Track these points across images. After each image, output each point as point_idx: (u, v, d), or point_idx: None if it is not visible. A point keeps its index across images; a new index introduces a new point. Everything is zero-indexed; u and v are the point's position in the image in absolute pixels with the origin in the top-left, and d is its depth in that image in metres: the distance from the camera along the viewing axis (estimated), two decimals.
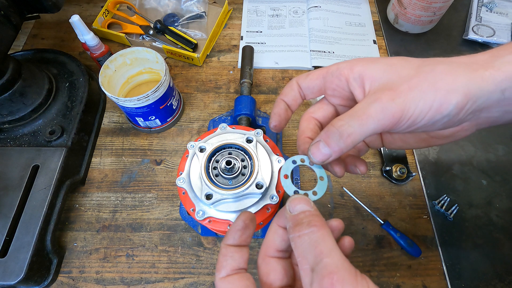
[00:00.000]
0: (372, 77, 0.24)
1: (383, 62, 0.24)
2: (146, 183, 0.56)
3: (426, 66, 0.22)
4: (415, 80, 0.22)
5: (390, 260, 0.49)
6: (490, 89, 0.21)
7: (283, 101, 0.29)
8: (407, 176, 0.54)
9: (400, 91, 0.22)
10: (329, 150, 0.23)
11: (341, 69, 0.25)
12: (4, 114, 0.52)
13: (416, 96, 0.21)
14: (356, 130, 0.22)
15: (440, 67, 0.22)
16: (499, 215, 0.53)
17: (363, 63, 0.24)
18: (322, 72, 0.27)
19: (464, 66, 0.22)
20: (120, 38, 0.68)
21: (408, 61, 0.23)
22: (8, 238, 0.44)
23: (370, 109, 0.22)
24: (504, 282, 0.48)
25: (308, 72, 0.28)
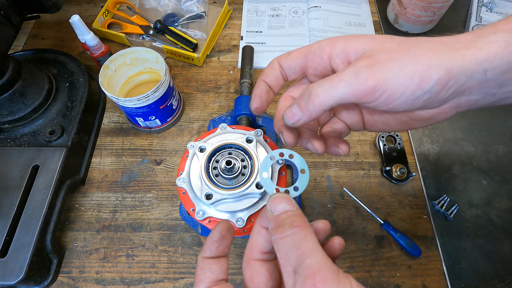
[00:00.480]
0: (355, 50, 0.23)
1: (367, 37, 0.24)
2: (146, 183, 0.56)
3: (409, 43, 0.22)
4: (396, 53, 0.21)
5: (390, 260, 0.49)
6: (472, 68, 0.20)
7: (264, 82, 0.28)
8: (407, 176, 0.54)
9: (379, 60, 0.21)
10: (299, 111, 0.23)
11: (323, 46, 0.25)
12: (4, 114, 0.52)
13: (395, 68, 0.21)
14: (325, 90, 0.22)
15: (423, 44, 0.22)
16: (499, 215, 0.53)
17: (345, 39, 0.24)
18: (303, 51, 0.26)
19: (447, 44, 0.21)
20: (120, 38, 0.68)
21: (392, 38, 0.23)
22: (8, 238, 0.44)
23: (344, 73, 0.22)
24: (504, 282, 0.48)
25: (289, 51, 0.27)
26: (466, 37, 0.22)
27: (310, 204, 0.53)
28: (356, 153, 0.58)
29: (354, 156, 0.58)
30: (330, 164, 0.57)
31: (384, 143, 0.57)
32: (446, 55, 0.21)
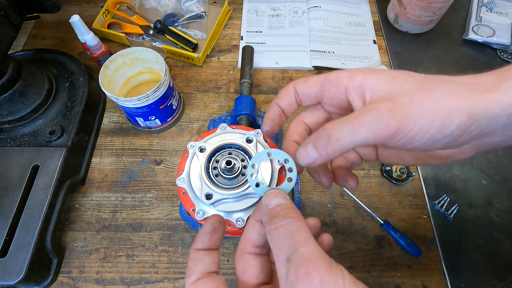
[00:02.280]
0: (373, 88, 0.23)
1: (386, 74, 0.23)
2: (146, 183, 0.56)
3: (430, 84, 0.21)
4: (417, 95, 0.21)
5: (390, 260, 0.49)
6: (495, 113, 0.20)
7: (277, 106, 0.28)
8: (407, 176, 0.54)
9: (401, 104, 0.20)
10: (316, 153, 0.23)
11: (340, 77, 0.25)
12: (4, 114, 0.52)
13: (417, 112, 0.20)
14: (346, 135, 0.21)
15: (444, 85, 0.21)
16: (499, 215, 0.53)
17: (364, 73, 0.24)
18: (320, 79, 0.26)
19: (469, 86, 0.21)
20: (120, 38, 0.68)
21: (411, 75, 0.23)
22: (8, 238, 0.44)
23: (365, 117, 0.21)
24: (504, 282, 0.48)
25: (306, 77, 0.27)
26: (489, 79, 0.21)
27: (310, 204, 0.53)
28: None
29: None
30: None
31: None
32: (468, 99, 0.20)
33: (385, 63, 0.67)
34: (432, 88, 0.21)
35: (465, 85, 0.21)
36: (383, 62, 0.68)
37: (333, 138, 0.21)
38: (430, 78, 0.22)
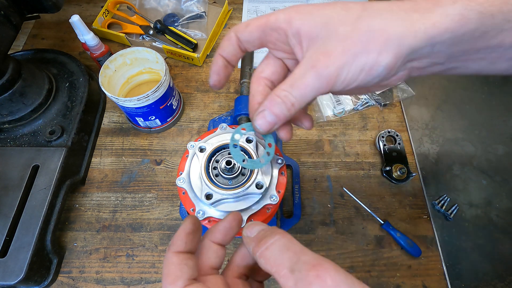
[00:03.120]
0: (309, 35, 0.24)
1: (322, 16, 0.23)
2: (146, 183, 0.56)
3: (364, 22, 0.22)
4: (349, 42, 0.22)
5: (390, 260, 0.49)
6: (421, 45, 0.21)
7: (221, 57, 0.28)
8: (407, 176, 0.54)
9: (335, 56, 0.22)
10: (275, 117, 0.24)
11: (279, 22, 0.24)
12: (4, 114, 0.52)
13: (348, 61, 0.22)
14: (298, 99, 0.24)
15: (377, 23, 0.22)
16: (499, 215, 0.53)
17: (301, 17, 0.24)
18: (261, 24, 0.25)
19: (403, 16, 0.22)
20: (120, 38, 0.68)
21: (348, 10, 0.23)
22: (8, 238, 0.44)
23: (308, 78, 0.23)
24: (504, 282, 0.48)
25: (247, 22, 0.26)
26: (426, 6, 0.21)
27: (310, 204, 0.53)
28: (356, 153, 0.58)
29: (354, 156, 0.58)
30: (330, 164, 0.57)
31: (384, 143, 0.57)
32: (398, 36, 0.21)
33: None
34: (365, 28, 0.22)
35: (399, 15, 0.22)
36: None
37: (288, 103, 0.24)
38: (366, 11, 0.23)
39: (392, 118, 0.61)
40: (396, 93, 0.64)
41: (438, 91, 0.66)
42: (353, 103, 0.63)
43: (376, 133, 0.59)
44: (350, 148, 0.58)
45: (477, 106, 0.64)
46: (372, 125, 0.61)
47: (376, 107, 0.62)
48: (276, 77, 0.28)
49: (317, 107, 0.63)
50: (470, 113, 0.63)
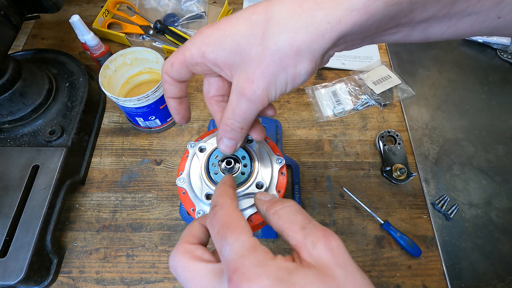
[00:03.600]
0: (227, 64, 0.24)
1: (229, 41, 0.23)
2: (146, 183, 0.56)
3: (270, 40, 0.22)
4: (265, 64, 0.23)
5: (390, 260, 0.49)
6: (332, 43, 0.21)
7: (171, 99, 0.29)
8: (407, 176, 0.54)
9: (257, 81, 0.23)
10: (232, 141, 0.28)
11: (194, 57, 0.25)
12: (4, 114, 0.52)
13: (271, 81, 0.23)
14: (242, 122, 0.26)
15: (283, 38, 0.22)
16: (499, 215, 0.53)
17: (212, 48, 0.24)
18: (181, 61, 0.26)
19: (308, 21, 0.21)
20: (120, 38, 0.68)
21: (252, 28, 0.23)
22: (8, 238, 0.44)
23: (243, 105, 0.25)
24: (504, 282, 0.48)
25: (169, 60, 0.27)
26: (329, 1, 0.21)
27: (310, 204, 0.54)
28: (356, 153, 0.58)
29: (354, 156, 0.58)
30: (330, 164, 0.57)
31: (384, 143, 0.57)
32: (307, 44, 0.21)
33: (385, 63, 0.67)
34: (273, 45, 0.22)
35: (303, 20, 0.21)
36: (383, 62, 0.68)
37: (237, 128, 0.27)
38: (269, 22, 0.22)
39: (392, 118, 0.61)
40: (396, 93, 0.64)
41: (438, 91, 0.66)
42: (353, 103, 0.63)
43: (376, 133, 0.60)
44: (350, 148, 0.59)
45: (477, 106, 0.64)
46: (372, 125, 0.61)
47: (376, 107, 0.62)
48: (223, 90, 0.29)
49: (317, 107, 0.63)
50: (470, 113, 0.63)
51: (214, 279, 0.20)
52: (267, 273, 0.18)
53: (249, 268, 0.18)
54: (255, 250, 0.20)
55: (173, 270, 0.21)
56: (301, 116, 0.62)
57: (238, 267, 0.18)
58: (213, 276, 0.20)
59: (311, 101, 0.64)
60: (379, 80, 0.65)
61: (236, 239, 0.20)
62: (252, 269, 0.18)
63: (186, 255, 0.22)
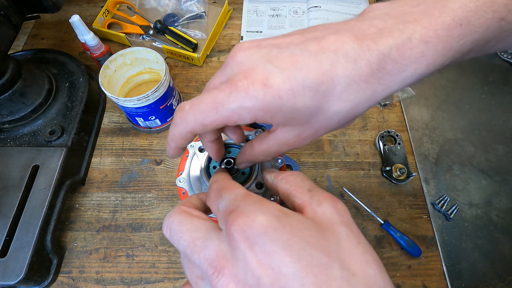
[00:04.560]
0: (279, 122, 0.22)
1: (289, 109, 0.20)
2: (146, 183, 0.56)
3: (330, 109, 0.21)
4: (321, 130, 0.23)
5: (390, 260, 0.49)
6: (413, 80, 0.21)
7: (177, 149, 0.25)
8: (407, 176, 0.54)
9: (307, 139, 0.23)
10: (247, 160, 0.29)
11: (243, 118, 0.20)
12: (4, 114, 0.52)
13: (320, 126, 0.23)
14: (267, 158, 0.27)
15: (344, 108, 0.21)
16: (499, 215, 0.53)
17: (265, 114, 0.20)
18: (220, 123, 0.21)
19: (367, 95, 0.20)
20: (120, 38, 0.68)
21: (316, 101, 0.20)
22: (8, 238, 0.44)
23: (274, 149, 0.25)
24: (504, 282, 0.48)
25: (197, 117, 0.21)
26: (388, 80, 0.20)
27: None
28: (356, 153, 0.58)
29: (354, 156, 0.58)
30: (330, 164, 0.57)
31: (384, 143, 0.57)
32: (361, 112, 0.22)
33: None
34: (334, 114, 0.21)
35: (364, 94, 0.20)
36: None
37: (261, 160, 0.27)
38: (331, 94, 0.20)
39: (392, 118, 0.61)
40: (396, 93, 0.64)
41: (438, 91, 0.66)
42: None
43: (376, 133, 0.60)
44: (350, 148, 0.59)
45: (477, 106, 0.64)
46: (372, 125, 0.61)
47: (376, 107, 0.62)
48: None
49: None
50: (470, 113, 0.63)
51: (211, 231, 0.19)
52: (263, 210, 0.17)
53: (244, 207, 0.18)
54: (250, 195, 0.20)
55: (167, 228, 0.20)
56: None
57: (234, 209, 0.18)
58: (210, 229, 0.19)
59: None
60: None
61: (231, 193, 0.20)
62: (247, 207, 0.18)
63: (184, 213, 0.21)
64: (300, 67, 0.19)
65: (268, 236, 0.16)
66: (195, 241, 0.18)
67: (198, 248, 0.18)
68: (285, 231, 0.16)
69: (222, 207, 0.20)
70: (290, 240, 0.16)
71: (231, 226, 0.17)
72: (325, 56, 0.19)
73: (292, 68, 0.19)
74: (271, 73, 0.19)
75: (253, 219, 0.17)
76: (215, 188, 0.22)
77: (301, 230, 0.17)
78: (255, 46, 0.21)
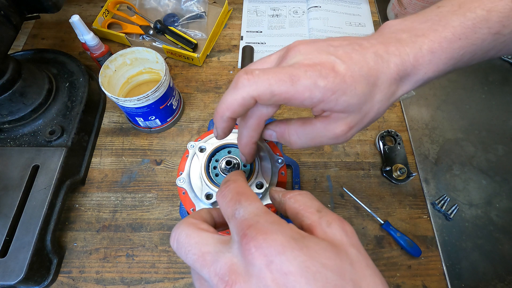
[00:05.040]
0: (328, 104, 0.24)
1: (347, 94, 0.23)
2: (146, 183, 0.56)
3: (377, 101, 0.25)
4: (368, 119, 0.25)
5: (390, 260, 0.49)
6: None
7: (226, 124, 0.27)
8: (407, 176, 0.54)
9: (354, 130, 0.25)
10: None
11: (313, 100, 0.23)
12: (4, 114, 0.52)
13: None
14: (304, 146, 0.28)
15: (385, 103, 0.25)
16: (499, 215, 0.53)
17: (324, 95, 0.22)
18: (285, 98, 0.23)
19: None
20: (120, 38, 0.68)
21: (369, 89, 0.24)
22: (8, 238, 0.44)
23: (323, 140, 0.26)
24: (504, 282, 0.48)
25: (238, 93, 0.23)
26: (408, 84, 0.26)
27: None
28: (356, 153, 0.58)
29: (354, 156, 0.58)
30: (330, 164, 0.57)
31: (384, 143, 0.57)
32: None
33: None
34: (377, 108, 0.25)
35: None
36: None
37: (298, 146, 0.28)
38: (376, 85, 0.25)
39: (392, 118, 0.61)
40: None
41: (438, 91, 0.66)
42: None
43: (376, 133, 0.60)
44: (350, 148, 0.59)
45: (477, 106, 0.64)
46: (372, 125, 0.61)
47: None
48: None
49: None
50: (470, 113, 0.63)
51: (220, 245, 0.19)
52: (282, 231, 0.18)
53: (264, 224, 0.18)
54: (270, 213, 0.20)
55: (175, 240, 0.20)
56: (301, 116, 0.62)
57: (253, 224, 0.18)
58: (219, 243, 0.19)
59: None
60: None
61: (251, 203, 0.20)
62: (267, 225, 0.18)
63: (191, 226, 0.21)
64: (355, 61, 0.23)
65: (286, 256, 0.16)
66: (204, 256, 0.19)
67: (208, 262, 0.18)
68: (302, 253, 0.17)
69: (240, 216, 0.20)
70: (306, 262, 0.16)
71: (250, 241, 0.17)
72: (368, 55, 0.24)
73: (349, 61, 0.23)
74: (336, 62, 0.23)
75: (274, 238, 0.17)
76: (235, 191, 0.22)
77: (317, 252, 0.17)
78: (312, 43, 0.24)
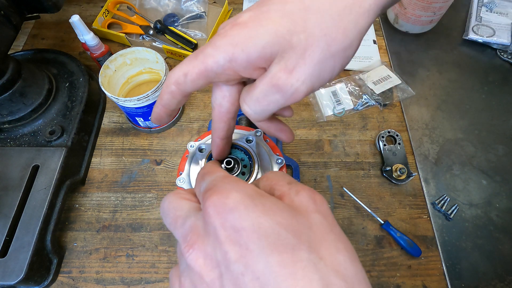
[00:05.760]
0: (263, 59, 0.21)
1: (264, 34, 0.21)
2: (146, 183, 0.56)
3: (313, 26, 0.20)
4: (309, 52, 0.21)
5: (390, 260, 0.49)
6: (372, 20, 0.22)
7: (163, 108, 0.25)
8: (407, 176, 0.54)
9: (297, 71, 0.21)
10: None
11: (221, 64, 0.21)
12: (4, 114, 0.52)
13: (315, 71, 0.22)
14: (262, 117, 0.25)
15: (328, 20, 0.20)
16: (499, 215, 0.53)
17: (242, 47, 0.21)
18: (201, 71, 0.22)
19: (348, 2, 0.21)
20: (120, 38, 0.68)
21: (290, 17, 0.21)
22: (8, 238, 0.44)
23: (270, 97, 0.22)
24: (504, 282, 0.48)
25: (183, 68, 0.23)
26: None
27: None
28: (356, 153, 0.58)
29: (354, 156, 0.58)
30: (330, 164, 0.57)
31: (384, 143, 0.57)
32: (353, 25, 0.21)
33: (385, 63, 0.67)
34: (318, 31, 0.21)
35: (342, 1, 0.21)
36: (383, 62, 0.68)
37: (253, 118, 0.25)
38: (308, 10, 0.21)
39: (392, 118, 0.61)
40: (396, 93, 0.64)
41: (438, 91, 0.66)
42: (353, 103, 0.63)
43: (376, 133, 0.60)
44: (350, 148, 0.59)
45: (477, 106, 0.64)
46: (372, 125, 0.61)
47: (376, 107, 0.62)
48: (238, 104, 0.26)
49: (317, 107, 0.63)
50: (470, 113, 0.63)
51: (193, 211, 0.20)
52: (237, 189, 0.18)
53: (221, 185, 0.18)
54: (229, 176, 0.20)
55: (161, 208, 0.22)
56: (301, 116, 0.62)
57: (211, 187, 0.18)
58: (192, 209, 0.20)
59: (311, 101, 0.64)
60: (379, 80, 0.65)
61: (212, 175, 0.21)
62: (223, 185, 0.18)
63: (175, 194, 0.22)
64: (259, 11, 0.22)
65: (239, 213, 0.16)
66: (176, 219, 0.20)
67: (178, 225, 0.19)
68: (256, 209, 0.17)
69: (203, 188, 0.20)
70: (259, 218, 0.16)
71: (205, 202, 0.18)
72: None
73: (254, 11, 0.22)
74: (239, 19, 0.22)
75: (227, 196, 0.17)
76: (200, 173, 0.23)
77: (273, 210, 0.17)
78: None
